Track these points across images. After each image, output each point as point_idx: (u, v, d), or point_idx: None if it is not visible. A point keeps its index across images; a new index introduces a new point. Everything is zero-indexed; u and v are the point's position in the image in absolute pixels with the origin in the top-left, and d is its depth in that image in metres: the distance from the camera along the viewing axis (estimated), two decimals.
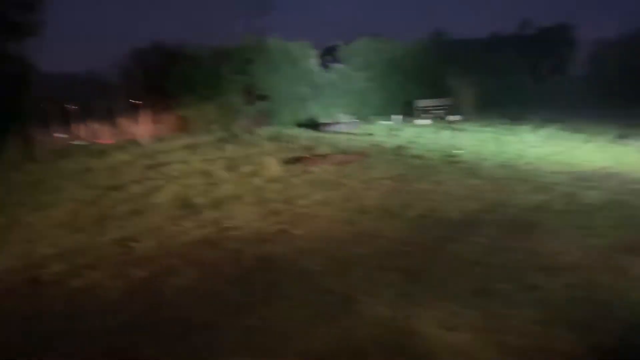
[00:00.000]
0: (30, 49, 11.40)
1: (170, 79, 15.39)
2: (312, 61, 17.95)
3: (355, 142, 12.29)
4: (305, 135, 14.41)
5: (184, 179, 8.68)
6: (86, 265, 4.68)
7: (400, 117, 17.24)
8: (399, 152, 10.46)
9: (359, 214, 6.08)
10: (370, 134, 13.83)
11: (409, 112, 18.16)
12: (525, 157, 9.15)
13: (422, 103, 18.35)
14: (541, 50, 19.22)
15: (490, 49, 19.56)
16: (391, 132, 14.24)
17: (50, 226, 6.18)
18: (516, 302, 3.43)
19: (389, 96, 18.85)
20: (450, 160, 9.24)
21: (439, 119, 17.06)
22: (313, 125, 16.33)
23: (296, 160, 9.80)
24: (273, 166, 9.18)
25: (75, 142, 13.70)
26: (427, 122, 16.38)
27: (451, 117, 16.85)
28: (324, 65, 18.21)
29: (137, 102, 15.36)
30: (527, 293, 3.56)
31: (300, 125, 16.84)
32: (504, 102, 17.57)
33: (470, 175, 7.91)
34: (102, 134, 14.24)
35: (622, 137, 10.69)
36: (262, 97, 16.96)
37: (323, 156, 9.93)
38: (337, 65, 18.21)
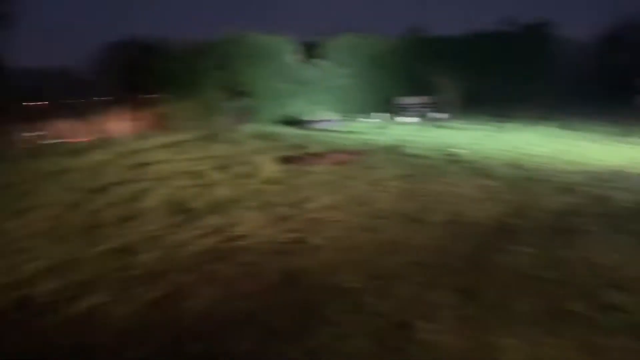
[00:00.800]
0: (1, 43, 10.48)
1: (147, 74, 14.57)
2: (294, 57, 17.34)
3: (346, 141, 11.77)
4: (291, 133, 13.81)
5: (173, 180, 8.00)
6: (83, 284, 4.02)
7: (387, 114, 16.84)
8: (395, 150, 9.99)
9: (377, 219, 5.56)
10: (359, 132, 13.34)
11: (393, 109, 17.77)
12: (530, 156, 8.80)
13: (405, 100, 17.98)
14: (524, 47, 19.09)
15: (473, 46, 19.32)
16: (379, 130, 13.79)
17: (32, 235, 5.45)
18: (602, 328, 2.97)
19: (372, 93, 18.41)
20: (453, 160, 8.83)
21: (424, 116, 16.71)
22: (297, 122, 15.75)
23: (291, 159, 9.23)
24: (269, 166, 8.59)
25: (46, 141, 12.75)
26: (414, 120, 16.00)
27: (437, 115, 16.52)
28: (306, 60, 17.62)
29: (112, 98, 14.47)
30: (608, 315, 3.11)
31: (284, 122, 16.23)
32: (490, 100, 17.34)
33: (481, 175, 7.50)
34: (75, 131, 13.32)
35: (623, 134, 10.52)
36: (243, 94, 16.27)
37: (319, 155, 9.38)
38: (319, 61, 17.64)
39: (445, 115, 16.32)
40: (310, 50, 17.86)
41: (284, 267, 4.22)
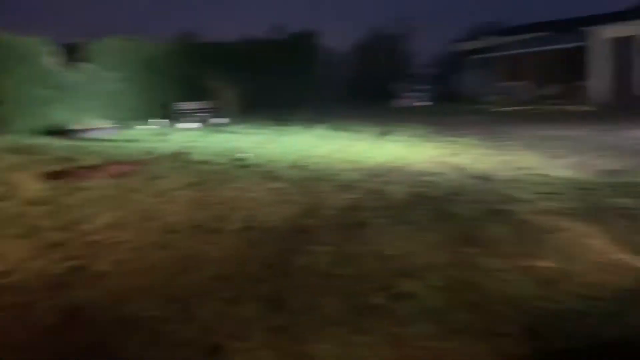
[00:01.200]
0: None
1: None
2: (53, 60, 15.41)
3: (124, 150, 10.85)
4: (57, 144, 12.18)
5: None
6: None
7: (166, 121, 16.10)
8: (180, 158, 9.54)
9: (168, 234, 5.14)
10: (138, 140, 12.45)
11: (170, 115, 17.08)
12: (311, 157, 9.24)
13: (184, 106, 17.47)
14: (294, 55, 20.20)
15: (247, 52, 19.72)
16: (159, 137, 13.09)
17: None
18: (402, 317, 3.13)
19: (147, 99, 17.44)
20: (240, 164, 8.77)
21: (205, 122, 16.43)
22: (63, 132, 14.00)
23: (59, 175, 8.06)
24: (31, 184, 7.34)
25: None
26: (195, 125, 15.61)
27: (217, 120, 16.41)
28: (69, 64, 15.81)
29: None
30: (404, 304, 3.31)
31: (46, 133, 14.27)
32: (267, 104, 17.90)
33: (269, 178, 7.56)
34: None
35: (384, 133, 11.81)
36: None
37: (94, 168, 8.39)
38: (84, 65, 15.99)
39: (225, 120, 16.30)
40: (73, 53, 16.09)
41: (63, 303, 3.55)
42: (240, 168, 8.44)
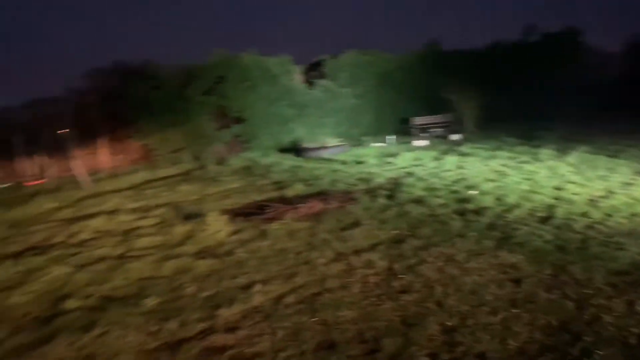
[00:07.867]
0: None
1: (130, 102, 12.42)
2: (295, 78, 14.97)
3: (340, 175, 9.19)
4: (284, 164, 11.29)
5: (89, 249, 5.68)
6: None
7: (394, 137, 14.20)
8: (393, 192, 7.35)
9: (323, 351, 3.04)
10: (360, 162, 10.76)
11: (404, 130, 15.11)
12: (573, 203, 6.02)
13: (419, 121, 15.33)
14: (547, 58, 16.17)
15: (491, 59, 16.53)
16: (385, 158, 11.15)
17: None
18: None
19: (381, 114, 15.81)
20: (464, 209, 6.13)
21: (438, 138, 13.99)
22: (297, 150, 13.29)
23: (256, 210, 6.73)
24: (219, 226, 6.12)
25: None
26: (425, 142, 13.29)
27: (452, 137, 13.79)
28: (308, 82, 15.20)
29: (90, 130, 12.31)
30: None
31: (283, 150, 13.79)
32: (509, 117, 14.54)
33: (501, 244, 4.80)
34: (37, 170, 11.20)
35: None
36: (238, 120, 13.93)
37: (292, 203, 6.84)
38: (322, 82, 15.19)
39: (459, 137, 13.56)
40: (312, 71, 15.46)
41: None
42: (463, 217, 5.81)
